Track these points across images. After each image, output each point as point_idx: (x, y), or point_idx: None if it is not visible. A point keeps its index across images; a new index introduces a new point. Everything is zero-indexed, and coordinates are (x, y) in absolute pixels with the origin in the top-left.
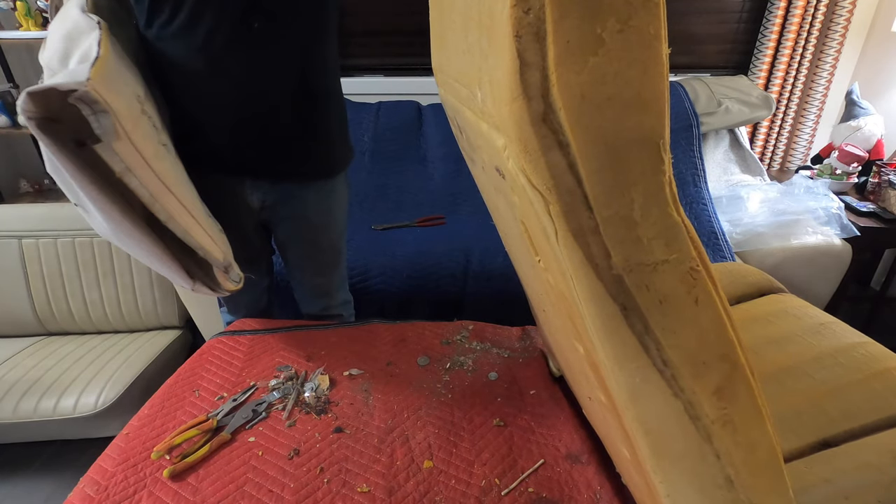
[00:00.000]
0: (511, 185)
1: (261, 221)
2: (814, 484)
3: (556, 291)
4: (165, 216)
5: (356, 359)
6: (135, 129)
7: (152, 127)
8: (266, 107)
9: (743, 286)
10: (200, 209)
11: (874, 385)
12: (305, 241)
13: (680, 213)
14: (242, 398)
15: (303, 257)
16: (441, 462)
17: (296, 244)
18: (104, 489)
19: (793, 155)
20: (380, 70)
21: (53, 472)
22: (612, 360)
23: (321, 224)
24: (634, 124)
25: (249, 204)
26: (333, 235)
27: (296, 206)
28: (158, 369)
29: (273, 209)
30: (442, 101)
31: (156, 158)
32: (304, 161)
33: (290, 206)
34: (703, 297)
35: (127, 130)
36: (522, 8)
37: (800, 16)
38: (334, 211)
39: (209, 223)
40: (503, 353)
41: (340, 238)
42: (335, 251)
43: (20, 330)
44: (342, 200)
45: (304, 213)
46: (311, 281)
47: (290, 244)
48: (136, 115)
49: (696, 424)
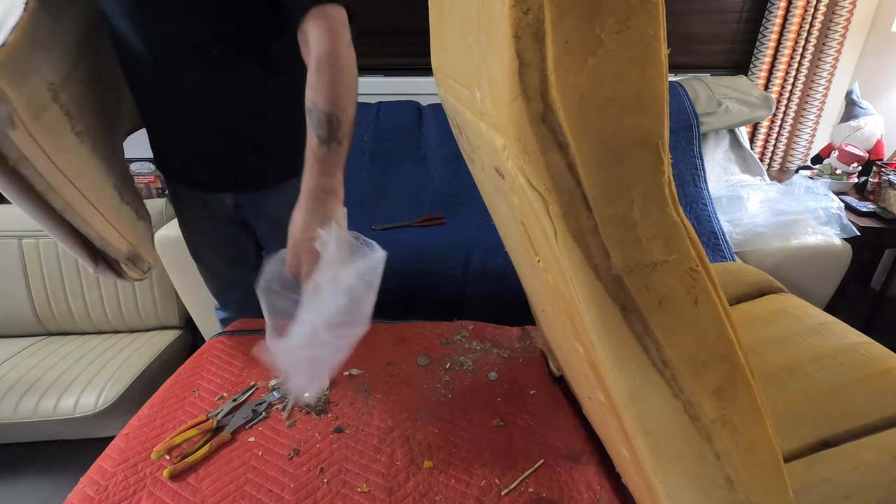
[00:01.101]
0: (510, 186)
1: (240, 220)
2: (814, 484)
3: (556, 292)
4: (61, 206)
5: (356, 359)
6: (36, 119)
7: (64, 116)
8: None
9: (743, 286)
10: (109, 200)
11: (874, 385)
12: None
13: (679, 213)
14: (242, 398)
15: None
16: (441, 462)
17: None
18: (104, 489)
19: (793, 155)
20: (380, 70)
21: (53, 472)
22: (612, 360)
23: None
24: (633, 125)
25: (224, 202)
26: None
27: (269, 205)
28: (158, 369)
29: (248, 208)
30: (442, 101)
31: (59, 150)
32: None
33: (264, 205)
34: (703, 297)
35: (25, 120)
36: (521, 8)
37: (800, 16)
38: None
39: (118, 214)
40: (503, 353)
41: None
42: None
43: (20, 330)
44: None
45: (279, 210)
46: None
47: (271, 242)
48: (43, 104)
49: (695, 424)
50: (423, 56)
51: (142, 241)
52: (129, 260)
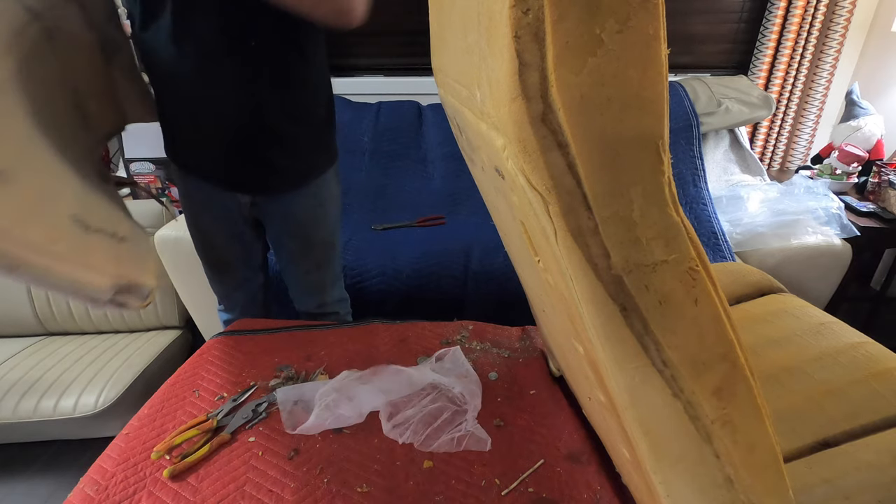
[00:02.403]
0: (510, 186)
1: (252, 217)
2: (814, 484)
3: (556, 291)
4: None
5: (356, 359)
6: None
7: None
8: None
9: (743, 286)
10: (68, 237)
11: (874, 385)
12: (297, 237)
13: (679, 213)
14: (242, 398)
15: (295, 254)
16: (441, 462)
17: (287, 241)
18: (104, 489)
19: (793, 155)
20: (380, 70)
21: (53, 472)
22: (612, 360)
23: (312, 220)
24: (633, 124)
25: (239, 200)
26: (325, 231)
27: (285, 204)
28: (158, 369)
29: (262, 206)
30: (442, 101)
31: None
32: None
33: (279, 204)
34: (703, 297)
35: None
36: (521, 8)
37: (800, 16)
38: (325, 206)
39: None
40: (503, 353)
41: (333, 234)
42: (328, 247)
43: (20, 330)
44: (333, 195)
45: (293, 210)
46: (304, 278)
47: (281, 241)
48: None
49: (695, 424)
50: (423, 56)
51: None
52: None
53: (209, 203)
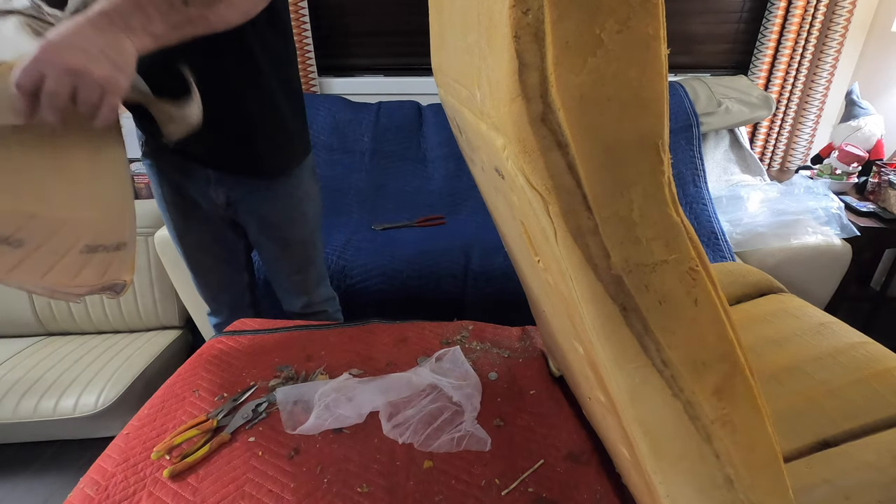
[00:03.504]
0: (510, 186)
1: (231, 219)
2: (814, 484)
3: (556, 292)
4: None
5: (356, 359)
6: None
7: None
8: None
9: (743, 286)
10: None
11: (874, 385)
12: (274, 238)
13: (679, 213)
14: (242, 398)
15: (275, 255)
16: (441, 462)
17: (266, 242)
18: (104, 489)
19: (793, 155)
20: (380, 70)
21: (53, 472)
22: (612, 360)
23: (288, 221)
24: (633, 125)
25: (215, 201)
26: (303, 231)
27: (260, 203)
28: (158, 369)
29: (239, 206)
30: (441, 101)
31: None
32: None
33: (254, 203)
34: (703, 297)
35: None
36: (521, 8)
37: (800, 16)
38: (302, 205)
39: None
40: (503, 353)
41: (312, 233)
42: (308, 247)
43: (20, 330)
44: (310, 194)
45: (269, 209)
46: (287, 279)
47: (261, 242)
48: None
49: (695, 424)
50: (423, 56)
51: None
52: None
53: (187, 203)
